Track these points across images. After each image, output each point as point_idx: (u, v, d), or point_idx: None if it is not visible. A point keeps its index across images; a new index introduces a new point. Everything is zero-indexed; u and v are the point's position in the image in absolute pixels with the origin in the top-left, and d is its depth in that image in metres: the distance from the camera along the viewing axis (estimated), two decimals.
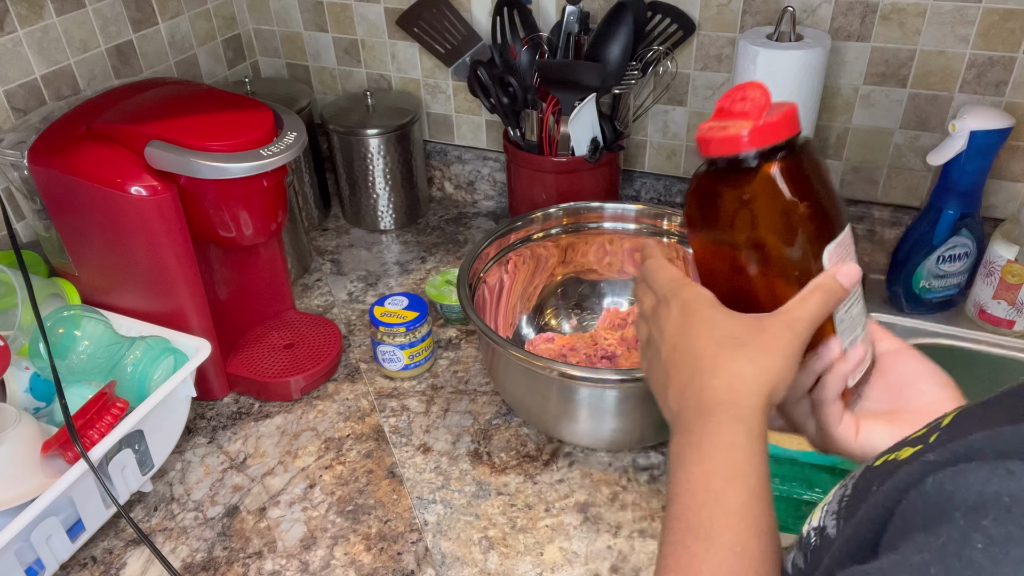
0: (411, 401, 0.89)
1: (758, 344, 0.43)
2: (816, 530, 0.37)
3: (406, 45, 1.17)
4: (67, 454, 0.67)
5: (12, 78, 0.91)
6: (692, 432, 0.43)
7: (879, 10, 0.91)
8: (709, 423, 0.42)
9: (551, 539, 0.72)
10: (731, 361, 0.43)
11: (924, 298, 0.95)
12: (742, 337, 0.44)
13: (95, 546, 0.74)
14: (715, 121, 0.45)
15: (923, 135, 0.97)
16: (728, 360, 0.43)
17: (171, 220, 0.77)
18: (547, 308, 0.95)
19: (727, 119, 0.44)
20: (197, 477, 0.81)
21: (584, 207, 0.92)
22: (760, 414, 0.42)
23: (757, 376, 0.43)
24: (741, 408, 0.42)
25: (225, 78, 1.23)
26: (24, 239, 0.95)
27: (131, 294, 0.85)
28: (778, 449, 0.72)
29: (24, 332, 0.80)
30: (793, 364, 0.44)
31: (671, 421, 0.46)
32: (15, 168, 0.83)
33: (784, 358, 0.43)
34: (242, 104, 0.81)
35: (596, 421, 0.76)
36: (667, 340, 0.47)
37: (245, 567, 0.71)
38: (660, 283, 0.49)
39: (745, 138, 0.42)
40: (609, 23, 0.94)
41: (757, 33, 0.90)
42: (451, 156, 1.24)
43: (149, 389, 0.76)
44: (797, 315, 0.44)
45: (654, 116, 1.09)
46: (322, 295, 1.07)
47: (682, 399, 0.45)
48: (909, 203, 1.02)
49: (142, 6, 1.05)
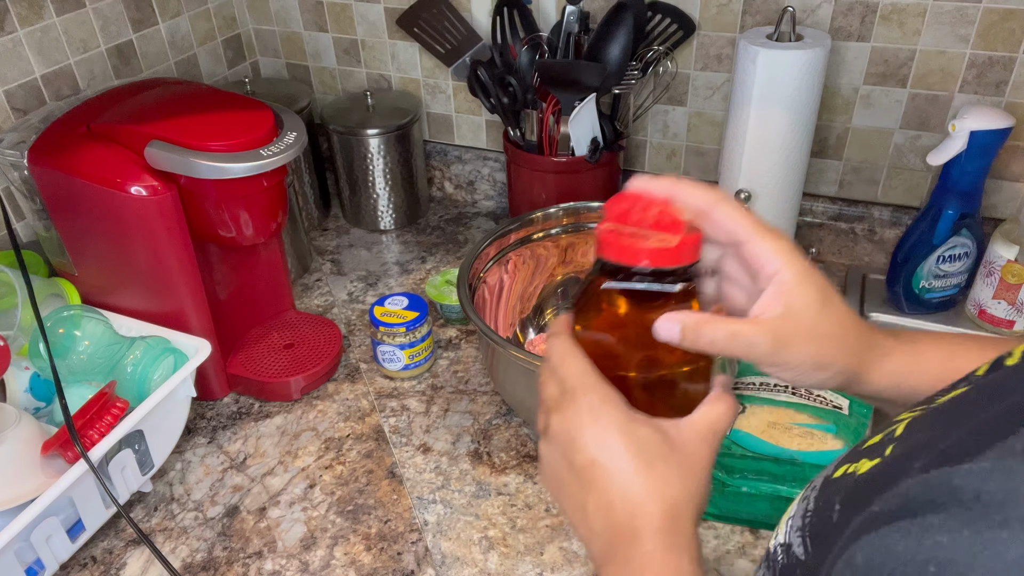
0: (411, 401, 0.89)
1: (683, 464, 0.42)
2: (783, 547, 0.36)
3: (406, 45, 1.17)
4: (67, 454, 0.67)
5: (12, 78, 0.91)
6: (631, 563, 0.41)
7: (879, 10, 0.91)
8: (653, 553, 0.40)
9: (551, 539, 0.72)
10: (663, 484, 0.41)
11: (924, 298, 0.95)
12: (668, 456, 0.42)
13: (95, 546, 0.74)
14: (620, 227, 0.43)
15: (923, 135, 0.97)
16: (660, 483, 0.41)
17: (171, 220, 0.77)
18: (547, 308, 0.95)
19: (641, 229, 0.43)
20: (197, 477, 0.81)
21: (584, 207, 0.92)
22: (696, 538, 0.42)
23: (690, 500, 0.41)
24: (680, 536, 0.41)
25: (225, 78, 1.23)
26: (24, 239, 0.95)
27: (131, 294, 0.85)
28: (778, 449, 0.71)
29: (24, 332, 0.80)
30: (711, 478, 0.43)
31: (590, 539, 0.43)
32: (15, 168, 0.83)
33: (706, 474, 0.43)
34: (242, 104, 0.81)
35: None
36: (581, 450, 0.42)
37: (245, 567, 0.71)
38: (568, 373, 0.44)
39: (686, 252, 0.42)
40: (609, 23, 0.94)
41: (757, 33, 0.90)
42: (451, 156, 1.24)
43: (149, 389, 0.75)
44: (712, 428, 0.43)
45: (654, 116, 1.09)
46: (322, 295, 1.07)
47: (609, 521, 0.41)
48: (909, 203, 1.02)
49: (142, 6, 1.05)
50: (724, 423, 0.44)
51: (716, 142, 1.07)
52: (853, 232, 1.05)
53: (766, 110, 0.88)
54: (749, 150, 0.92)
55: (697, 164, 1.10)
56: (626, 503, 0.41)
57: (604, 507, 0.41)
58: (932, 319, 0.96)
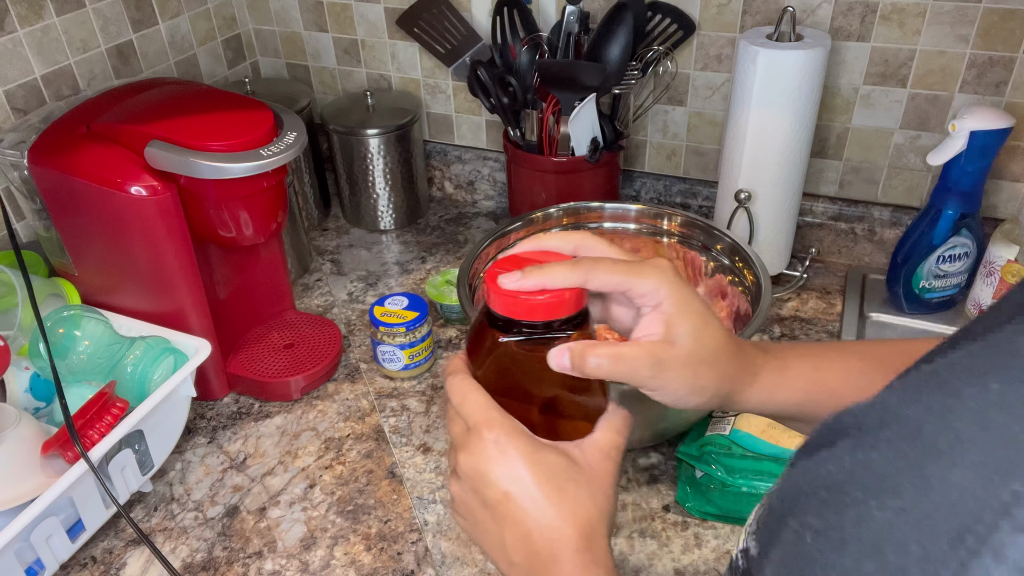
0: (411, 401, 0.89)
1: (592, 483, 0.44)
2: (742, 552, 0.36)
3: (406, 45, 1.17)
4: (67, 454, 0.67)
5: (12, 78, 0.91)
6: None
7: (879, 10, 0.91)
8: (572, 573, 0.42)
9: None
10: (576, 506, 0.43)
11: (924, 298, 0.95)
12: (576, 478, 0.44)
13: (95, 546, 0.74)
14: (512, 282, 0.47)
15: (923, 135, 0.97)
16: (573, 505, 0.43)
17: (171, 220, 0.77)
18: None
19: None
20: (197, 477, 0.81)
21: (584, 207, 0.92)
22: (609, 551, 0.43)
23: (600, 516, 0.43)
24: (596, 552, 0.42)
25: (225, 78, 1.23)
26: (24, 239, 0.95)
27: (131, 294, 0.85)
28: (778, 449, 0.71)
29: (24, 332, 0.80)
30: (617, 492, 0.46)
31: (510, 571, 0.45)
32: (15, 168, 0.83)
33: (613, 489, 0.45)
34: (242, 104, 0.81)
35: None
36: (493, 484, 0.43)
37: (245, 567, 0.71)
38: (471, 411, 0.46)
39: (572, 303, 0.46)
40: (609, 23, 0.94)
41: (757, 33, 0.90)
42: (451, 156, 1.24)
43: (149, 389, 0.76)
44: (613, 443, 0.46)
45: (654, 116, 1.09)
46: (322, 295, 1.07)
47: (528, 550, 0.43)
48: (909, 203, 1.02)
49: (142, 6, 1.05)
50: (623, 436, 0.46)
51: (716, 142, 1.07)
52: (853, 232, 1.05)
53: (766, 110, 0.88)
54: (749, 150, 0.92)
55: (697, 164, 1.10)
56: (543, 530, 0.42)
57: (522, 537, 0.43)
58: (932, 319, 0.96)
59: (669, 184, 1.13)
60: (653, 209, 0.91)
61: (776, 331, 0.96)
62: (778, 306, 1.00)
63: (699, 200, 1.12)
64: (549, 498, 0.43)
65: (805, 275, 1.02)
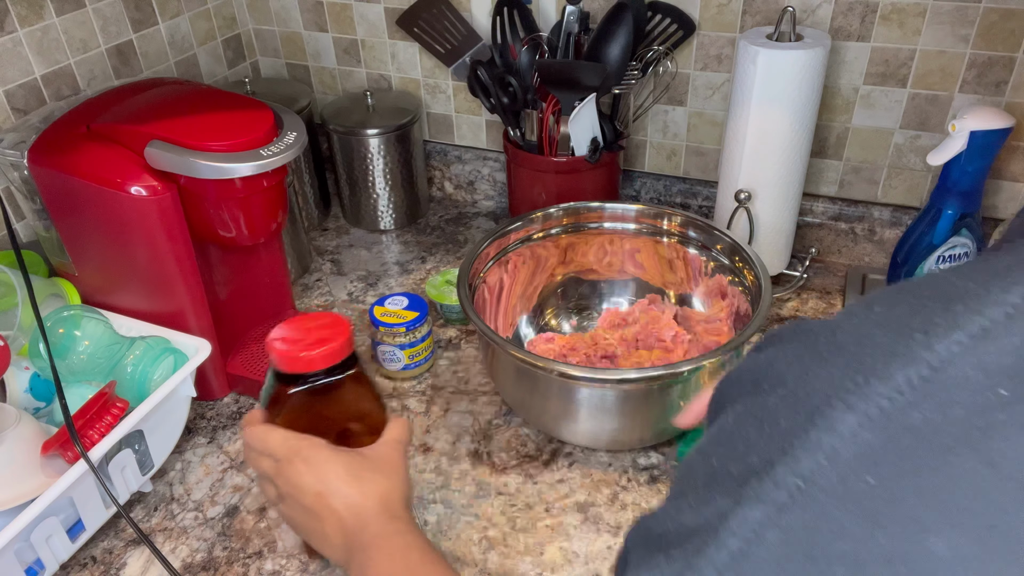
0: (411, 401, 0.89)
1: (384, 468, 0.57)
2: None
3: (406, 45, 1.17)
4: (67, 454, 0.67)
5: (12, 78, 0.91)
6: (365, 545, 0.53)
7: (879, 10, 0.91)
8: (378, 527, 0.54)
9: (551, 539, 0.72)
10: (373, 486, 0.55)
11: None
12: (371, 467, 0.57)
13: (95, 546, 0.74)
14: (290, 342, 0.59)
15: (923, 135, 0.97)
16: (369, 486, 0.55)
17: (171, 220, 0.77)
18: (547, 308, 0.95)
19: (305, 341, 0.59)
20: (197, 477, 0.81)
21: (584, 207, 0.92)
22: (407, 511, 0.56)
23: (394, 489, 0.56)
24: (394, 512, 0.55)
25: (225, 78, 1.23)
26: (24, 239, 0.95)
27: (131, 294, 0.85)
28: None
29: (24, 332, 0.80)
30: (408, 474, 0.59)
31: (334, 553, 0.56)
32: (15, 168, 0.83)
33: (404, 471, 0.59)
34: (242, 104, 0.81)
35: (596, 421, 0.76)
36: (307, 491, 0.55)
37: (245, 567, 0.71)
38: (275, 446, 0.58)
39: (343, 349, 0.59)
40: (609, 23, 0.94)
41: (757, 33, 0.90)
42: (451, 156, 1.24)
43: (149, 389, 0.75)
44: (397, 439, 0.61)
45: (654, 116, 1.09)
46: (322, 295, 1.07)
47: (344, 529, 0.54)
48: (909, 203, 1.02)
49: (142, 6, 1.05)
50: (404, 435, 0.61)
51: (716, 142, 1.07)
52: (853, 232, 1.05)
53: (766, 110, 0.88)
54: (749, 150, 0.92)
55: (697, 164, 1.10)
56: (350, 509, 0.55)
57: (337, 522, 0.55)
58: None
59: (669, 184, 1.13)
60: (653, 209, 0.91)
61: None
62: (778, 306, 1.00)
63: (699, 200, 1.12)
64: (351, 485, 0.55)
65: (805, 275, 1.03)
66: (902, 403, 0.23)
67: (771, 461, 0.25)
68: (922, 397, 0.23)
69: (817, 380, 0.26)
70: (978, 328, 0.23)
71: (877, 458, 0.23)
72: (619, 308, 0.95)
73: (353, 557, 0.54)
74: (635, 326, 0.90)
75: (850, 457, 0.24)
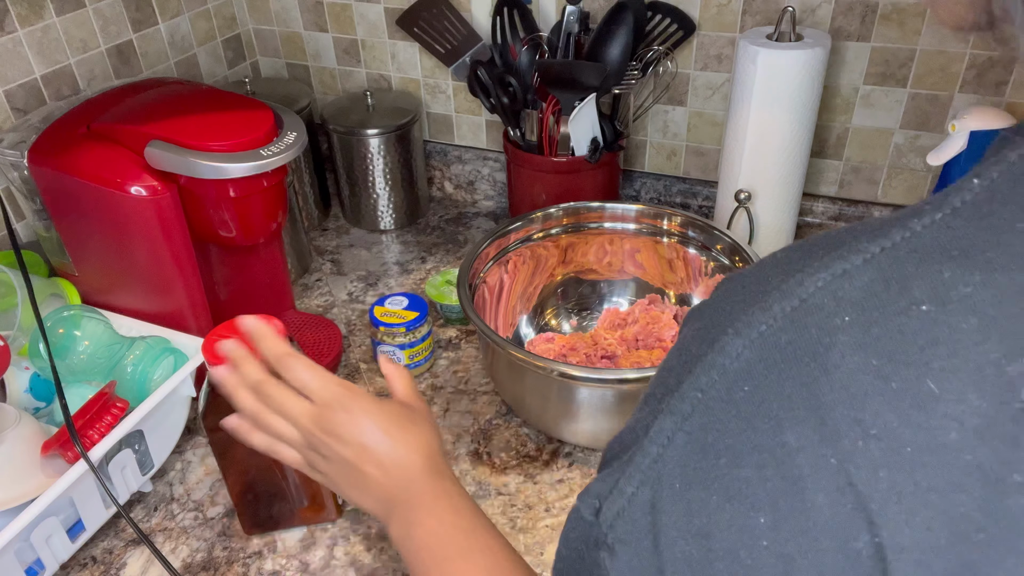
0: None
1: (426, 419, 0.58)
2: None
3: (406, 45, 1.17)
4: (67, 454, 0.67)
5: (12, 78, 0.91)
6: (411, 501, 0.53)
7: (879, 10, 0.91)
8: (424, 484, 0.53)
9: (551, 539, 0.72)
10: (418, 439, 0.55)
11: None
12: (413, 417, 0.57)
13: (95, 546, 0.74)
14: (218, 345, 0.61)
15: (923, 135, 0.97)
16: (415, 439, 0.55)
17: (171, 220, 0.77)
18: (547, 308, 0.95)
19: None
20: (197, 477, 0.81)
21: (584, 207, 0.92)
22: (447, 465, 0.56)
23: (436, 441, 0.56)
24: (439, 467, 0.55)
25: (225, 78, 1.23)
26: (24, 239, 0.95)
27: (131, 294, 0.85)
28: None
29: (24, 332, 0.80)
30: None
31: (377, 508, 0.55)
32: (15, 168, 0.83)
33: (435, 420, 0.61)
34: (242, 104, 0.81)
35: (596, 421, 0.76)
36: (348, 442, 0.54)
37: (245, 567, 0.71)
38: (316, 388, 0.57)
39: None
40: (609, 23, 0.94)
41: (757, 33, 0.90)
42: (451, 156, 1.24)
43: (149, 389, 0.75)
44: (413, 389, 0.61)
45: (654, 116, 1.09)
46: (322, 295, 1.07)
47: (388, 484, 0.54)
48: (909, 203, 1.02)
49: (142, 6, 1.05)
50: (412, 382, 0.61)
51: (716, 142, 1.07)
52: None
53: (766, 110, 0.88)
54: (749, 150, 0.92)
55: (697, 164, 1.10)
56: (395, 465, 0.54)
57: (380, 476, 0.54)
58: None
59: (669, 184, 1.13)
60: (653, 209, 0.91)
61: None
62: None
63: (699, 200, 1.12)
64: (395, 439, 0.55)
65: None
66: (775, 328, 0.28)
67: (680, 380, 0.31)
68: (790, 323, 0.28)
69: (721, 313, 0.31)
70: (840, 270, 0.28)
71: (752, 371, 0.29)
72: (619, 308, 0.95)
73: (395, 512, 0.53)
74: (635, 326, 0.90)
75: (734, 372, 0.29)
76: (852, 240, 0.29)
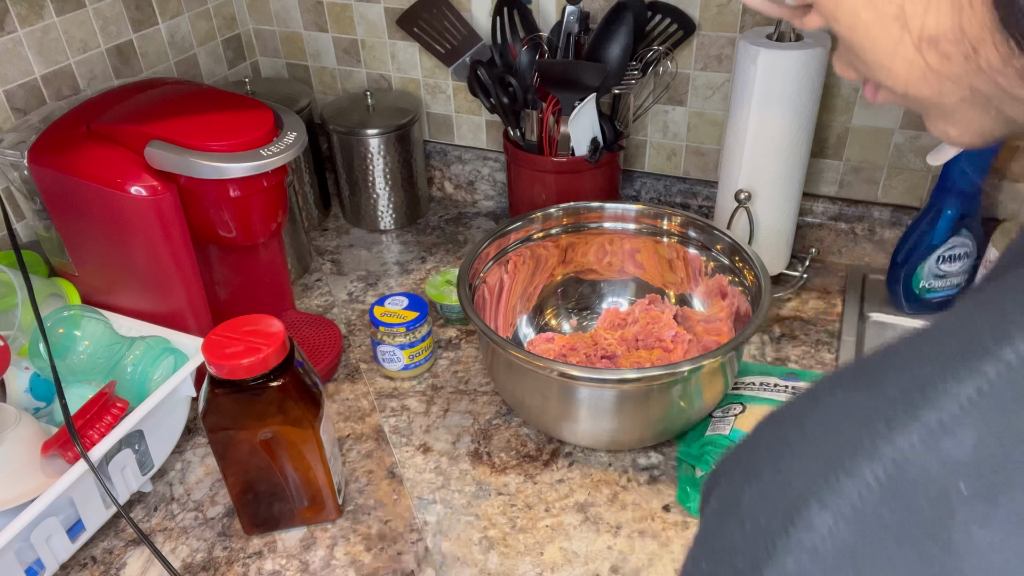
0: (411, 401, 0.89)
1: None
2: None
3: (406, 45, 1.17)
4: (67, 454, 0.67)
5: (12, 78, 0.91)
6: None
7: None
8: None
9: (551, 539, 0.72)
10: None
11: (924, 298, 0.95)
12: None
13: (95, 546, 0.74)
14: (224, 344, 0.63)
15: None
16: None
17: (171, 220, 0.77)
18: (547, 308, 0.95)
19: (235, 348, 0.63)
20: (197, 477, 0.81)
21: (584, 207, 0.92)
22: None
23: None
24: None
25: (225, 78, 1.23)
26: (24, 239, 0.95)
27: (131, 294, 0.85)
28: None
29: (24, 332, 0.80)
30: None
31: None
32: (15, 168, 0.83)
33: None
34: (242, 104, 0.81)
35: (596, 421, 0.76)
36: None
37: (245, 567, 0.71)
38: None
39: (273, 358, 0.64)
40: (609, 23, 0.94)
41: (757, 33, 0.90)
42: (451, 156, 1.24)
43: (149, 389, 0.76)
44: None
45: (654, 116, 1.09)
46: (322, 295, 1.07)
47: None
48: (909, 203, 1.02)
49: (142, 6, 1.05)
50: None
51: (716, 142, 1.07)
52: (853, 232, 1.05)
53: (766, 110, 0.88)
54: (749, 150, 0.92)
55: (697, 164, 1.10)
56: None
57: None
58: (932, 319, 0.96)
59: (669, 184, 1.13)
60: (653, 209, 0.91)
61: (776, 331, 0.96)
62: (778, 306, 1.00)
63: (699, 200, 1.12)
64: None
65: (805, 275, 1.03)
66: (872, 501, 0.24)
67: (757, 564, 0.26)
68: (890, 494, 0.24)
69: (790, 474, 0.26)
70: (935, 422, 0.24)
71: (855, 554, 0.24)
72: (619, 308, 0.95)
73: None
74: (635, 326, 0.90)
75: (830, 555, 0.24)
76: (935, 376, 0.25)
